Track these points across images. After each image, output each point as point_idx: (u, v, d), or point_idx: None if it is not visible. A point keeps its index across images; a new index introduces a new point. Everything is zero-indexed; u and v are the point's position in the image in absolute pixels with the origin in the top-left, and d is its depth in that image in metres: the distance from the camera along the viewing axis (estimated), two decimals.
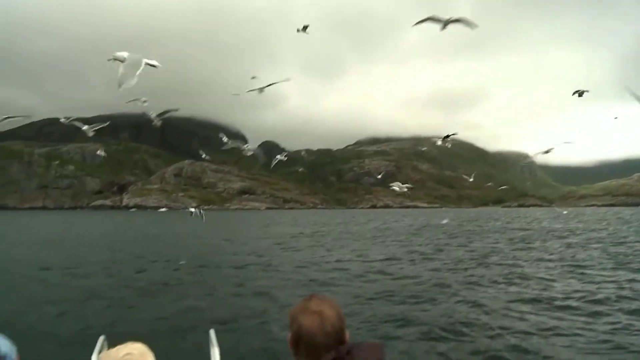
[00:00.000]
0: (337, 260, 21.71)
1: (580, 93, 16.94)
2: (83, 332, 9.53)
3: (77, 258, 22.83)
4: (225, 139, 19.34)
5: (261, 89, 12.03)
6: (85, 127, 12.62)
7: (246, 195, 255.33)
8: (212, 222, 60.16)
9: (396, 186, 26.48)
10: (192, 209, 30.12)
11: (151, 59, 5.78)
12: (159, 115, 11.99)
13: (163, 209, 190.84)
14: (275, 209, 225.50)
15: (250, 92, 12.25)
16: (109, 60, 5.51)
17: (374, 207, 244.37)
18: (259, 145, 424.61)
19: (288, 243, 32.15)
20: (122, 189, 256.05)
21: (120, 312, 11.84)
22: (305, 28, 16.01)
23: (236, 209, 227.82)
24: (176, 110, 11.77)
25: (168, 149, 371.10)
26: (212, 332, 3.58)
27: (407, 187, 27.45)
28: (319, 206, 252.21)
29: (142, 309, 12.10)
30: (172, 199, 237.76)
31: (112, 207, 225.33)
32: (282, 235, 41.02)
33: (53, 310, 11.81)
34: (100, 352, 2.55)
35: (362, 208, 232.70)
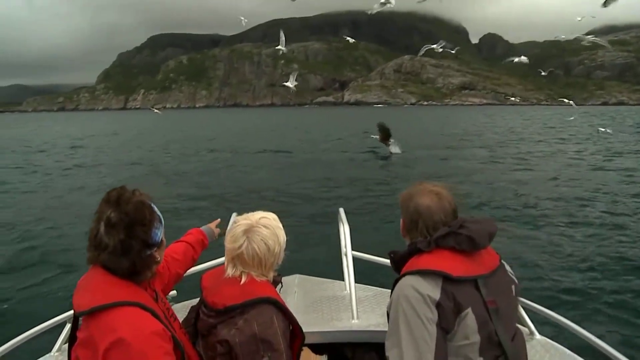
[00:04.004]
0: None
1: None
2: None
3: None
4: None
5: None
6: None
7: (466, 91, 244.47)
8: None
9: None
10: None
11: None
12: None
13: (380, 105, 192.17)
14: (497, 105, 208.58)
15: None
16: None
17: (605, 104, 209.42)
18: (480, 39, 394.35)
19: None
20: (343, 86, 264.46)
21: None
22: None
23: (455, 104, 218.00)
24: None
25: (387, 44, 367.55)
26: (341, 210, 3.64)
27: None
28: (543, 102, 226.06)
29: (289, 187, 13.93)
30: (391, 94, 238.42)
31: (334, 104, 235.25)
32: None
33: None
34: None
35: (591, 105, 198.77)
